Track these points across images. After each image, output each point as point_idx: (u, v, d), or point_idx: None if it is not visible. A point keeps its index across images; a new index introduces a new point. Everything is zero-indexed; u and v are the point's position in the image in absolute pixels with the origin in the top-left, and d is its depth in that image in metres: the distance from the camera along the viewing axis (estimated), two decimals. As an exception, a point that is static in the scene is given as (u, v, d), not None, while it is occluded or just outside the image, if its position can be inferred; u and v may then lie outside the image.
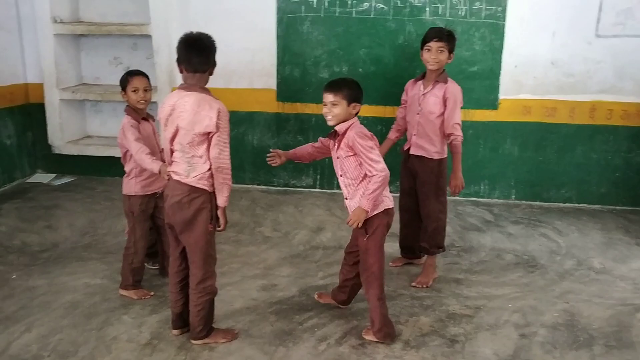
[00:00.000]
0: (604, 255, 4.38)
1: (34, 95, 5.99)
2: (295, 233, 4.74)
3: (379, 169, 2.95)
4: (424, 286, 3.82)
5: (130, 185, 3.63)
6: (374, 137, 3.09)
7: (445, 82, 3.72)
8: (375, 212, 3.06)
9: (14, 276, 3.90)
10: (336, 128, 3.09)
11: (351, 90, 3.05)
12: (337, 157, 3.14)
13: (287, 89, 5.62)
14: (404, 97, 3.98)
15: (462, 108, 5.28)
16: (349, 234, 4.60)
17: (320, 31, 5.44)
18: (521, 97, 5.33)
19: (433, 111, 3.72)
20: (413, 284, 3.85)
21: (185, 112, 2.86)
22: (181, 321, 3.20)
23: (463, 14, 5.22)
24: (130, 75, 3.58)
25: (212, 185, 2.94)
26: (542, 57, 5.22)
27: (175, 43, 2.99)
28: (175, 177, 2.98)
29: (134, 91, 3.54)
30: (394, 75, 5.40)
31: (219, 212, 2.97)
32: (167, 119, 2.92)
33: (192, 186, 2.92)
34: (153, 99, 5.61)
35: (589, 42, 5.14)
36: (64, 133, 5.97)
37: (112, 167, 6.01)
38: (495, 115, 5.40)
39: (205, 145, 2.88)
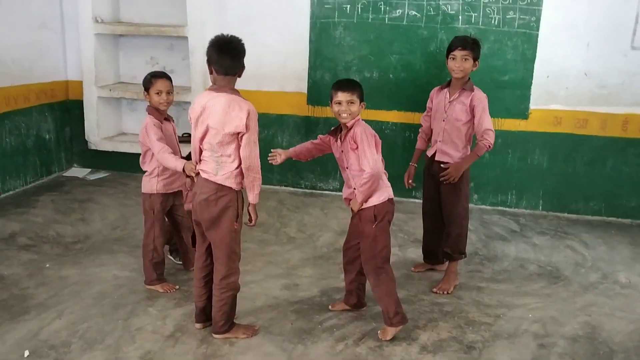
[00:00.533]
0: (631, 270, 4.32)
1: (73, 92, 6.20)
2: (320, 235, 4.81)
3: (370, 166, 3.11)
4: (445, 292, 3.84)
5: (152, 184, 3.75)
6: (377, 136, 3.25)
7: (472, 90, 3.75)
8: (382, 201, 3.22)
9: (48, 265, 4.06)
10: (348, 124, 3.23)
11: (361, 90, 3.26)
12: (342, 151, 3.28)
13: (317, 93, 5.70)
14: (429, 104, 4.03)
15: (492, 117, 5.37)
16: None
17: (352, 37, 5.51)
18: (552, 108, 5.30)
19: (460, 118, 3.75)
20: (434, 289, 3.87)
21: (216, 113, 2.95)
22: (204, 315, 3.29)
23: (496, 22, 5.22)
24: (154, 77, 3.66)
25: (239, 183, 3.03)
26: (575, 68, 5.18)
27: (209, 45, 3.15)
28: (203, 175, 3.07)
29: (157, 93, 3.63)
30: (425, 82, 5.42)
31: (250, 209, 3.09)
32: (198, 119, 3.01)
33: (219, 184, 3.01)
34: (187, 99, 5.83)
35: (624, 54, 5.08)
36: (100, 129, 6.16)
37: (145, 164, 6.18)
38: (525, 125, 5.37)
39: (234, 145, 2.97)
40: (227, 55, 2.95)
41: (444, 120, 3.82)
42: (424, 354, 3.15)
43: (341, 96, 3.18)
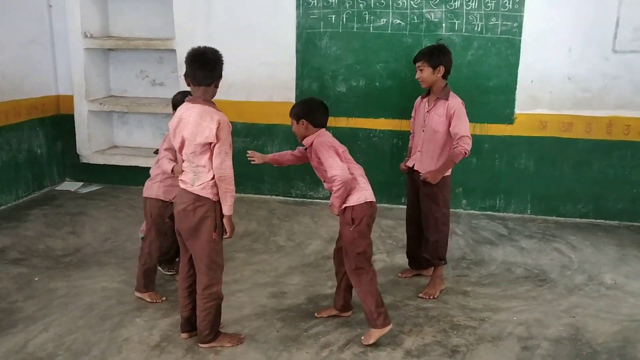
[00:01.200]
0: (617, 271, 4.35)
1: (64, 106, 6.26)
2: (309, 243, 4.84)
3: (336, 173, 3.17)
4: (431, 297, 3.87)
5: (153, 189, 3.83)
6: (337, 144, 3.32)
7: (446, 98, 3.76)
8: (359, 202, 3.25)
9: (37, 278, 4.09)
10: (303, 142, 3.37)
11: (299, 110, 3.37)
12: (315, 167, 3.38)
13: (305, 102, 5.74)
14: (413, 113, 4.09)
15: (478, 122, 5.43)
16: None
17: (338, 46, 5.57)
18: (537, 112, 5.35)
19: (437, 129, 3.77)
20: (420, 295, 3.90)
21: (190, 124, 3.00)
22: (189, 325, 3.32)
23: (479, 29, 5.28)
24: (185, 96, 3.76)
25: (216, 194, 3.05)
26: (559, 73, 5.24)
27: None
28: (182, 185, 3.12)
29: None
30: (411, 89, 5.44)
31: (225, 221, 3.08)
32: (175, 130, 3.06)
33: (196, 195, 3.05)
34: (176, 111, 5.87)
35: (606, 57, 5.14)
36: (91, 143, 6.22)
37: (137, 176, 6.20)
38: (511, 130, 5.42)
39: (207, 155, 3.01)
40: (198, 67, 2.98)
41: (423, 131, 3.87)
42: (408, 358, 3.17)
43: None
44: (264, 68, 5.75)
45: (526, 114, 5.37)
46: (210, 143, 2.98)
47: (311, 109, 3.35)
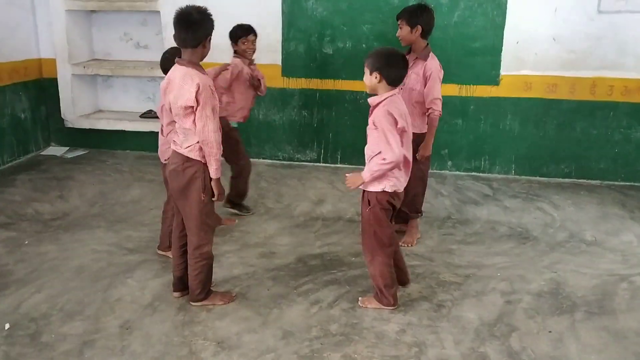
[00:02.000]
0: (597, 229, 4.46)
1: (47, 70, 6.17)
2: (297, 205, 4.89)
3: (389, 156, 2.98)
4: (409, 245, 4.10)
5: (164, 153, 3.73)
6: (401, 118, 3.03)
7: (425, 59, 3.81)
8: (376, 190, 3.14)
9: (27, 242, 4.10)
10: (369, 100, 3.14)
11: (374, 59, 3.05)
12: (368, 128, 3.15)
13: (292, 64, 5.73)
14: None
15: (464, 84, 5.45)
16: (349, 206, 4.80)
17: (324, 7, 5.53)
18: (522, 74, 5.38)
19: (414, 88, 3.84)
20: (400, 243, 3.98)
21: (174, 85, 2.99)
22: (181, 284, 3.38)
23: (466, -11, 5.26)
24: (171, 54, 3.66)
25: (204, 156, 3.06)
26: (544, 34, 5.26)
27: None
28: (173, 146, 3.13)
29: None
30: (397, 51, 5.47)
31: (212, 184, 3.09)
32: (165, 90, 3.06)
33: (186, 156, 3.06)
34: (162, 75, 5.82)
35: (591, 18, 5.16)
36: (75, 107, 6.16)
37: (122, 140, 6.21)
38: (496, 91, 5.46)
39: (191, 119, 2.99)
40: (182, 28, 2.93)
41: (401, 88, 3.89)
42: (394, 313, 3.26)
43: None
44: (249, 30, 5.68)
45: (511, 75, 5.40)
46: (192, 107, 2.96)
47: (389, 63, 3.02)
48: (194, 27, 2.92)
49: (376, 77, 3.04)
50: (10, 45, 5.75)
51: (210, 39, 3.03)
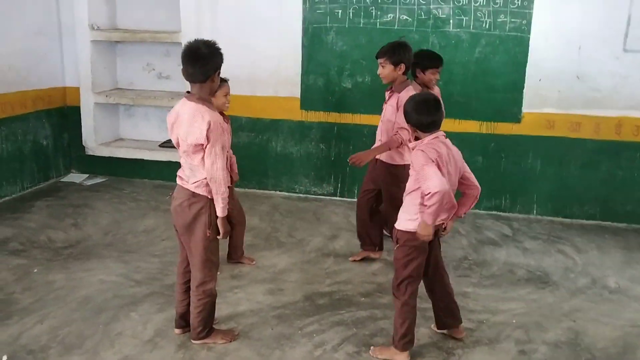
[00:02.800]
0: (621, 275, 4.27)
1: (71, 98, 6.27)
2: (310, 240, 4.80)
3: (432, 186, 2.84)
4: None
5: None
6: (440, 156, 2.94)
7: (399, 92, 3.89)
8: (404, 230, 3.04)
9: (36, 270, 4.09)
10: (409, 145, 3.19)
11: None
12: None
13: (310, 97, 5.71)
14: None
15: (485, 120, 5.37)
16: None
17: (344, 41, 5.52)
18: (545, 111, 5.26)
19: (390, 119, 3.95)
20: None
21: (183, 122, 2.94)
22: (183, 321, 3.30)
23: (487, 26, 5.20)
24: (222, 80, 3.76)
25: (211, 192, 3.01)
26: (568, 71, 5.14)
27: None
28: (179, 181, 3.09)
29: (225, 95, 3.83)
30: (417, 86, 5.42)
31: (218, 222, 3.03)
32: (172, 125, 3.03)
33: (192, 191, 3.02)
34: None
35: (616, 56, 5.03)
36: (97, 135, 6.22)
37: (141, 169, 6.24)
38: (518, 129, 5.34)
39: (200, 155, 2.95)
40: (190, 62, 2.87)
41: (382, 122, 4.06)
42: (401, 360, 3.13)
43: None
44: (269, 62, 5.71)
45: (534, 113, 5.28)
46: (202, 144, 2.92)
47: (416, 110, 2.97)
48: (201, 61, 2.87)
49: (411, 128, 3.07)
50: (37, 73, 5.86)
51: (219, 72, 2.99)
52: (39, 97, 5.93)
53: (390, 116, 3.94)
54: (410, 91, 3.84)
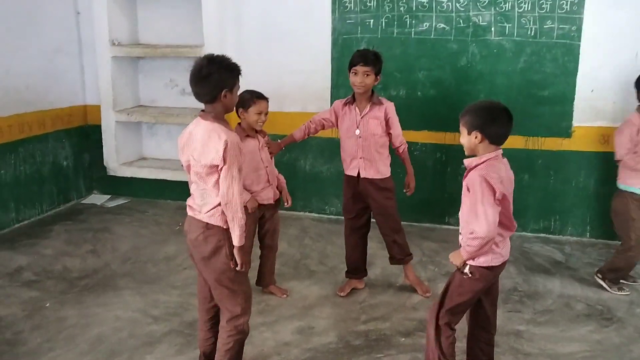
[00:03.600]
0: (695, 310, 3.79)
1: (92, 117, 6.04)
2: (343, 268, 4.39)
3: (479, 230, 2.55)
4: (429, 292, 3.97)
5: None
6: (500, 184, 2.57)
7: (381, 103, 3.78)
8: (481, 265, 2.68)
9: (48, 305, 3.81)
10: (465, 162, 2.71)
11: (472, 116, 2.68)
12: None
13: (341, 113, 5.35)
14: (328, 115, 3.99)
15: (531, 136, 4.94)
16: (400, 270, 4.27)
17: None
18: (598, 125, 4.81)
19: (376, 132, 3.79)
20: (426, 295, 3.96)
21: (196, 142, 2.66)
22: None
23: (532, 33, 4.78)
24: (257, 97, 3.66)
25: (227, 221, 2.68)
26: (623, 81, 4.67)
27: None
28: (190, 212, 2.77)
29: (259, 113, 3.63)
30: (456, 99, 5.03)
31: (235, 252, 2.70)
32: (183, 146, 2.74)
33: (206, 222, 2.69)
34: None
35: (678, 63, 4.57)
36: (119, 155, 5.97)
37: (164, 189, 5.96)
38: (568, 144, 4.90)
39: (215, 178, 2.64)
40: (192, 82, 2.65)
41: (360, 137, 3.79)
42: (450, 417, 2.72)
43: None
44: (297, 76, 5.38)
45: (585, 127, 4.83)
46: (217, 165, 2.61)
47: (492, 118, 2.62)
48: (203, 81, 2.62)
49: (476, 137, 2.62)
50: (56, 92, 5.65)
51: (234, 89, 2.69)
52: (58, 116, 5.71)
53: (375, 129, 3.76)
54: (387, 100, 3.85)
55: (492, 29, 4.86)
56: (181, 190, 5.82)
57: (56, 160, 5.72)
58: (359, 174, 3.85)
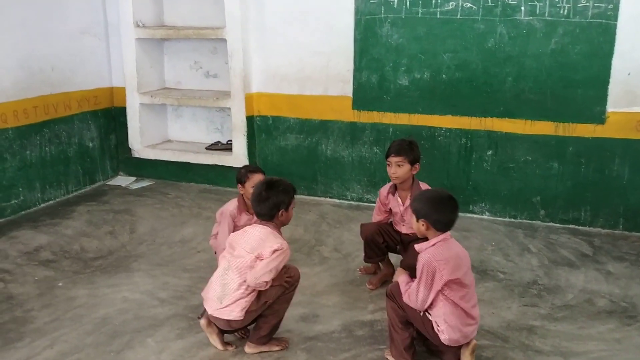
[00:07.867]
0: None
1: (118, 99, 6.08)
2: (356, 255, 4.31)
3: (409, 300, 2.85)
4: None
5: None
6: (445, 270, 2.73)
7: (420, 189, 3.63)
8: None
9: (60, 284, 3.86)
10: (415, 247, 2.89)
11: (419, 204, 2.90)
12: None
13: (363, 96, 5.22)
14: (380, 204, 3.89)
15: (562, 121, 4.68)
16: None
17: (400, 34, 4.98)
18: (635, 110, 4.52)
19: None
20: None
21: (253, 239, 2.96)
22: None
23: (565, 12, 4.52)
24: (250, 172, 3.74)
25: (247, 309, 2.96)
26: (663, 63, 4.38)
27: (250, 47, 2.84)
28: (208, 308, 3.02)
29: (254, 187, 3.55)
30: (482, 82, 4.83)
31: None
32: (237, 240, 3.04)
33: (226, 320, 2.97)
34: (227, 105, 5.54)
35: None
36: (143, 137, 6.00)
37: (188, 172, 5.98)
38: (601, 131, 4.62)
39: (252, 265, 2.93)
40: (254, 203, 3.02)
41: (404, 225, 3.75)
42: (448, 415, 2.61)
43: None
44: (318, 58, 5.27)
45: (621, 113, 4.55)
46: (262, 257, 2.91)
47: (435, 208, 2.82)
48: (263, 204, 2.98)
49: (423, 225, 2.83)
50: (82, 74, 5.69)
51: (290, 208, 3.04)
52: (84, 98, 5.76)
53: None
54: (424, 184, 3.72)
55: (522, 8, 4.61)
56: (204, 173, 5.89)
57: (82, 142, 5.79)
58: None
